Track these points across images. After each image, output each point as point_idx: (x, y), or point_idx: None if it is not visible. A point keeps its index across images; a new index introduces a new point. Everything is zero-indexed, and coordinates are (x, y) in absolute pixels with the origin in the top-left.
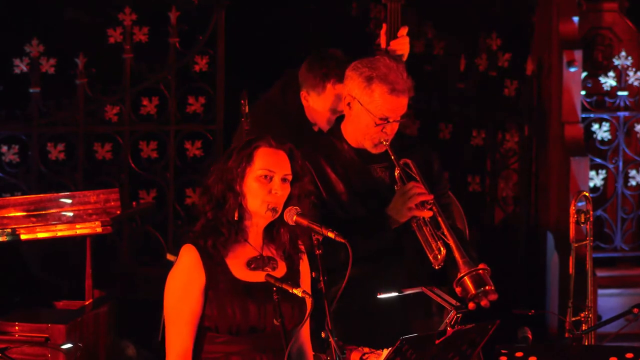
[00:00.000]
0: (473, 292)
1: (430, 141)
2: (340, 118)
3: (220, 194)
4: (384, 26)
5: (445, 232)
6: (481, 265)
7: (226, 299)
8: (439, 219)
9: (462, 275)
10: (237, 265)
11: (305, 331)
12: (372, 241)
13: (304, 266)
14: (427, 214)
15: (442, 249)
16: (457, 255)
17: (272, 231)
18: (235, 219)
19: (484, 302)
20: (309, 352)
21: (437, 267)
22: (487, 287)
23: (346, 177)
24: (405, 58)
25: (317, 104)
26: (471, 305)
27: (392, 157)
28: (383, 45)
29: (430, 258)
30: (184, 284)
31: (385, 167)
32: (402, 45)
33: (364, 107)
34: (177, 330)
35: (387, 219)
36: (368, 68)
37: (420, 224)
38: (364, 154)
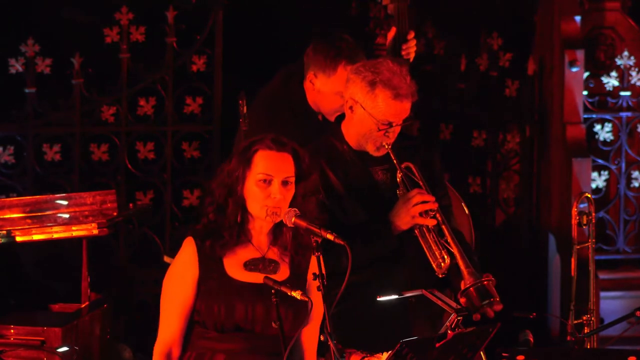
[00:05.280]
0: (478, 303)
1: (430, 142)
2: (341, 118)
3: (222, 198)
4: (394, 29)
5: (450, 240)
6: (486, 276)
7: (214, 296)
8: (443, 227)
9: (467, 286)
10: (234, 264)
11: (307, 337)
12: (374, 247)
13: (312, 268)
14: (430, 222)
15: (446, 257)
16: (461, 265)
17: (276, 231)
18: (238, 221)
19: (489, 313)
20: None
21: (440, 276)
22: (492, 299)
23: (347, 180)
24: (411, 60)
25: (325, 87)
26: (476, 316)
27: (395, 161)
28: (387, 43)
29: (434, 266)
30: (179, 275)
31: (386, 169)
32: (412, 49)
33: (366, 112)
34: (167, 319)
35: (390, 225)
36: (371, 72)
37: (423, 231)
38: (365, 156)
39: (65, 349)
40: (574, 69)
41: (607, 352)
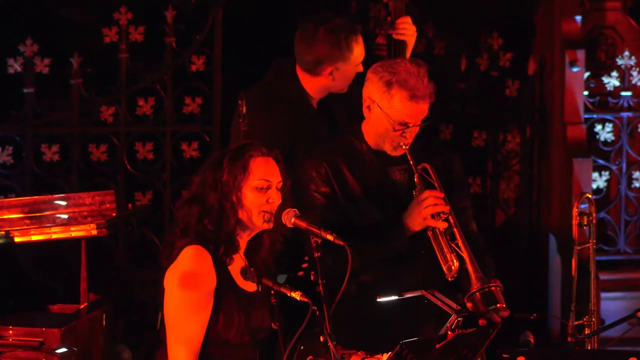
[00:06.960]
0: (484, 309)
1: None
2: (361, 118)
3: (217, 204)
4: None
5: (460, 244)
6: (493, 282)
7: (234, 308)
8: (455, 230)
9: (474, 291)
10: (236, 274)
11: None
12: (385, 247)
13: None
14: (442, 224)
15: (455, 261)
16: (470, 269)
17: (256, 238)
18: (231, 227)
19: (494, 319)
20: None
21: (450, 279)
22: (498, 305)
23: (363, 179)
24: (411, 46)
25: (347, 69)
26: (482, 321)
27: (411, 162)
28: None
29: (444, 269)
30: (202, 284)
31: (404, 169)
32: (406, 27)
33: (383, 112)
34: (195, 333)
35: (402, 226)
36: (388, 72)
37: (436, 232)
38: (383, 156)
39: (64, 350)
40: (575, 69)
41: (608, 353)
